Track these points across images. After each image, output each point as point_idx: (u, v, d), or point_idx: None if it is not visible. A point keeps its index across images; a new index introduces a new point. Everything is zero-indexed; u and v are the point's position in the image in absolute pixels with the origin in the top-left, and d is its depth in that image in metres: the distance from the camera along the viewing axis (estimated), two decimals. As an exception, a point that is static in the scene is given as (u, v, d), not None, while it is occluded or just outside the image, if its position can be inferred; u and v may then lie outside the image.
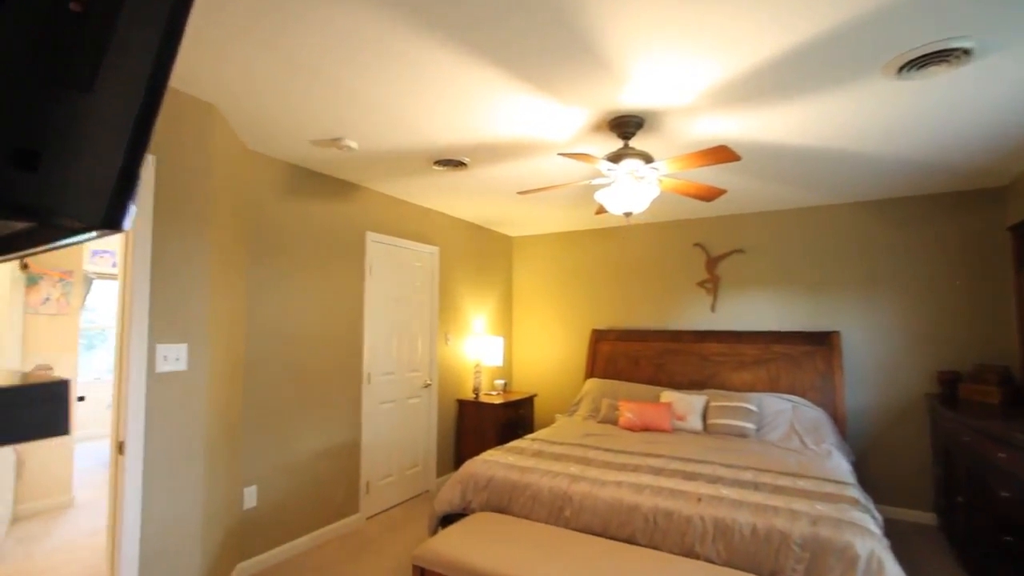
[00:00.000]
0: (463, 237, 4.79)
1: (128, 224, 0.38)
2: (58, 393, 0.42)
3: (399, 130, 2.58)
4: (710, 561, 2.12)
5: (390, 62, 1.92)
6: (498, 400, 4.46)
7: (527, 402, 4.85)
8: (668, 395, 4.02)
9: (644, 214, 4.49)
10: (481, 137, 2.66)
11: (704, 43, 1.77)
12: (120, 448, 2.00)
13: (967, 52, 1.79)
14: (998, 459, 2.30)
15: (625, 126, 2.39)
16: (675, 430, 3.75)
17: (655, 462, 2.89)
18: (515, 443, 3.32)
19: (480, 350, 4.72)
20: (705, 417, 3.80)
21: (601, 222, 4.90)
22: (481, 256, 5.07)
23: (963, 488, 2.76)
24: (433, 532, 2.83)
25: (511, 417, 4.56)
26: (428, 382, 4.28)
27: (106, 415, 5.82)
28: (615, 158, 2.36)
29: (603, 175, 2.68)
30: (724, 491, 2.40)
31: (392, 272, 3.95)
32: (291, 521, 3.06)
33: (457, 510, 2.80)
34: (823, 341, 3.87)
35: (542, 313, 5.38)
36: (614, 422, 3.98)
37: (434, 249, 4.38)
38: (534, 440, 3.40)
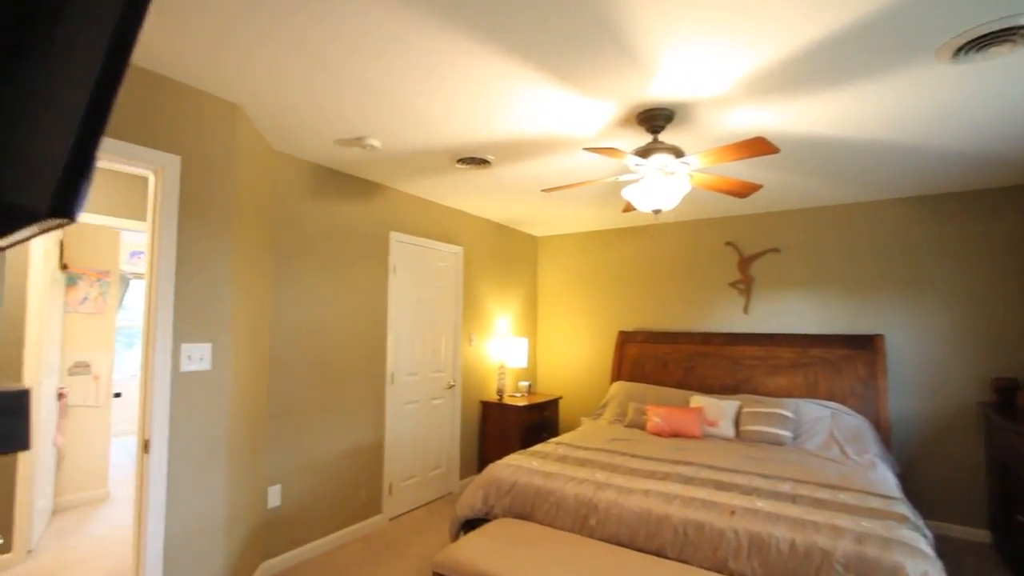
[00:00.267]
0: (487, 237, 4.74)
1: (80, 213, 0.33)
2: (15, 405, 0.37)
3: (422, 128, 2.55)
4: (745, 577, 2.00)
5: (413, 58, 1.88)
6: (522, 402, 4.39)
7: (552, 405, 4.77)
8: (698, 399, 3.88)
9: (673, 212, 4.35)
10: (504, 133, 2.60)
11: (740, 28, 1.66)
12: (146, 447, 2.02)
13: (1034, 31, 1.64)
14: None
15: (654, 119, 2.29)
16: (706, 436, 3.61)
17: (685, 470, 2.77)
18: (539, 447, 3.25)
19: (504, 351, 4.66)
20: (738, 423, 3.64)
21: (628, 221, 4.78)
22: (506, 256, 5.01)
23: (1022, 505, 2.56)
24: (455, 537, 2.78)
25: (535, 420, 4.49)
26: (452, 383, 4.25)
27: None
28: (644, 153, 2.27)
29: (631, 171, 2.59)
30: (759, 503, 2.28)
31: (416, 272, 3.93)
32: (314, 521, 3.06)
33: (479, 515, 2.74)
34: (864, 345, 3.66)
35: (567, 314, 5.29)
36: (641, 427, 3.86)
37: (458, 249, 4.34)
38: (559, 444, 3.32)
